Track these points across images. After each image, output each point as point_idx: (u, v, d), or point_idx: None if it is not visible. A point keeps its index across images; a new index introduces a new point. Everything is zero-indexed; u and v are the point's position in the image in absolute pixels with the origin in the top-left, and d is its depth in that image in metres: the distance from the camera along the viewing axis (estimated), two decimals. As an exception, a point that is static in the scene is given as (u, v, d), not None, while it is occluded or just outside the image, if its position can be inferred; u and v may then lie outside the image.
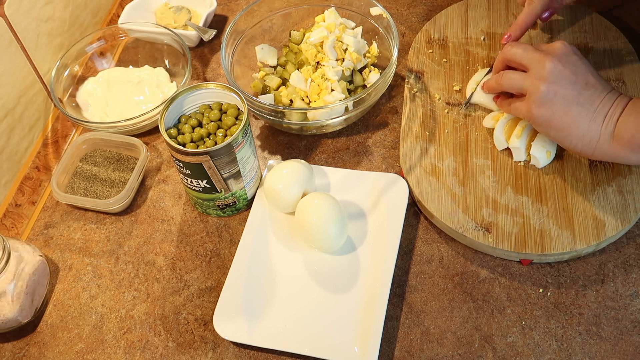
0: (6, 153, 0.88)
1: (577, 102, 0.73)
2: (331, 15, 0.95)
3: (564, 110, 0.74)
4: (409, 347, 0.74)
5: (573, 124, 0.74)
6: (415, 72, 0.95)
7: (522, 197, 0.81)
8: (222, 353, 0.76)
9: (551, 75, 0.74)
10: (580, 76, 0.74)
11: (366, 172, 0.87)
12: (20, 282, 0.77)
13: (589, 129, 0.73)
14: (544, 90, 0.74)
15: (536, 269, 0.78)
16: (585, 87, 0.74)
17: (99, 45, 1.02)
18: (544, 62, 0.74)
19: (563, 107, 0.74)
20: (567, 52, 0.75)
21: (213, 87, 0.83)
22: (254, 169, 0.84)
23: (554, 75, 0.74)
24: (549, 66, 0.74)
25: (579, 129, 0.74)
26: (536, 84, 0.74)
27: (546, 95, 0.74)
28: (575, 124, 0.74)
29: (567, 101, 0.73)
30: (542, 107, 0.74)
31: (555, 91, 0.73)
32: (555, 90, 0.73)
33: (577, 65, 0.75)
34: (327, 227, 0.78)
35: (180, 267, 0.83)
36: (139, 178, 0.90)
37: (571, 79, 0.74)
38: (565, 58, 0.75)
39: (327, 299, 0.78)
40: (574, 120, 0.73)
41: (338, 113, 0.87)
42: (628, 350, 0.72)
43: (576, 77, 0.74)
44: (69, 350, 0.78)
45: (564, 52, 0.75)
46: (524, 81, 0.76)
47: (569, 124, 0.74)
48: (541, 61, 0.75)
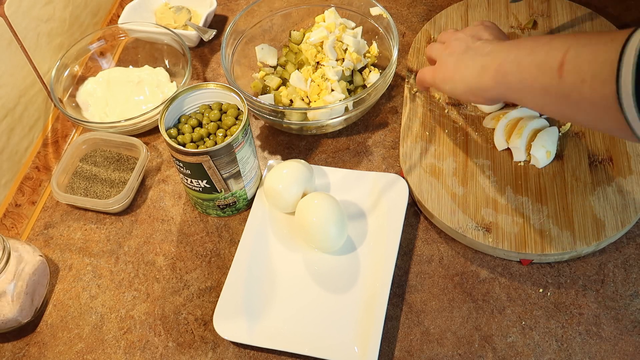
0: (6, 153, 0.88)
1: (467, 49, 0.76)
2: (331, 15, 0.95)
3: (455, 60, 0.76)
4: (409, 347, 0.74)
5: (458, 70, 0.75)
6: (415, 72, 0.95)
7: (522, 197, 0.81)
8: (222, 353, 0.76)
9: (450, 41, 0.79)
10: (476, 34, 0.78)
11: (366, 172, 0.87)
12: (20, 282, 0.77)
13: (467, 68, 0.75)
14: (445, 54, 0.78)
15: (536, 269, 0.78)
16: (476, 40, 0.77)
17: (99, 45, 1.02)
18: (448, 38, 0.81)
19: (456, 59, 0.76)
20: (478, 25, 0.81)
21: (213, 87, 0.83)
22: (254, 169, 0.84)
23: (451, 41, 0.79)
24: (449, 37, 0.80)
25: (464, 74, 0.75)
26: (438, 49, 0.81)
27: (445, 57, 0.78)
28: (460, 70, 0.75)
29: (459, 54, 0.76)
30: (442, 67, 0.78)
31: (452, 51, 0.78)
32: (452, 50, 0.78)
33: (475, 29, 0.80)
34: (327, 227, 0.78)
35: (180, 267, 0.83)
36: (139, 178, 0.90)
37: (465, 38, 0.78)
38: (471, 29, 0.80)
39: (327, 299, 0.78)
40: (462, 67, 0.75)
41: (338, 113, 0.87)
42: (628, 350, 0.72)
43: (472, 38, 0.78)
44: (69, 350, 0.78)
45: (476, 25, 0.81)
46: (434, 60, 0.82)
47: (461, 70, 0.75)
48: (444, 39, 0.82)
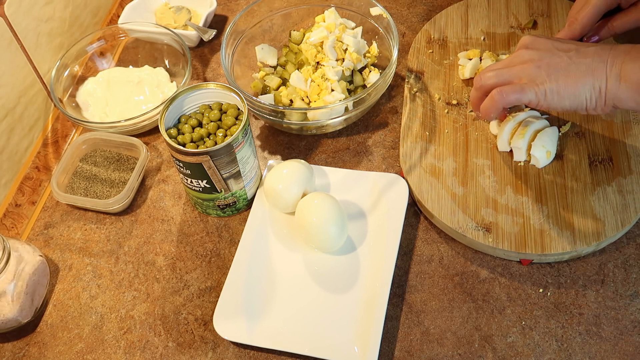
0: (6, 153, 0.88)
1: (570, 62, 0.72)
2: (331, 15, 0.95)
3: (564, 74, 0.72)
4: (409, 347, 0.74)
5: (579, 81, 0.72)
6: (415, 72, 0.95)
7: (522, 197, 0.81)
8: (222, 353, 0.76)
9: (533, 56, 0.74)
10: (557, 46, 0.74)
11: (366, 172, 0.87)
12: (20, 282, 0.77)
13: (594, 77, 0.71)
14: (534, 68, 0.73)
15: (536, 269, 0.78)
16: (566, 52, 0.73)
17: (99, 45, 1.02)
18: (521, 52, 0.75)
19: (560, 72, 0.72)
20: (533, 39, 0.76)
21: (213, 87, 0.83)
22: (254, 169, 0.84)
23: (536, 55, 0.74)
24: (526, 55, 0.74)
25: (585, 83, 0.71)
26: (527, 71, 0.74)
27: (540, 71, 0.73)
28: (581, 81, 0.72)
29: (559, 65, 0.72)
30: (544, 81, 0.73)
31: (547, 64, 0.73)
32: (547, 64, 0.73)
33: (549, 42, 0.75)
34: (327, 227, 0.78)
35: (180, 267, 0.83)
36: (139, 178, 0.90)
37: (552, 51, 0.74)
38: (535, 42, 0.75)
39: (327, 299, 0.78)
40: (577, 77, 0.72)
41: (338, 113, 0.87)
42: (628, 350, 0.72)
43: (555, 49, 0.74)
44: (69, 350, 0.78)
45: (530, 40, 0.76)
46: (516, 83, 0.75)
47: (576, 83, 0.72)
48: (518, 54, 0.75)
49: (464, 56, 0.95)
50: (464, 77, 0.93)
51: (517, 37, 0.96)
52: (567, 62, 0.73)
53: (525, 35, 0.93)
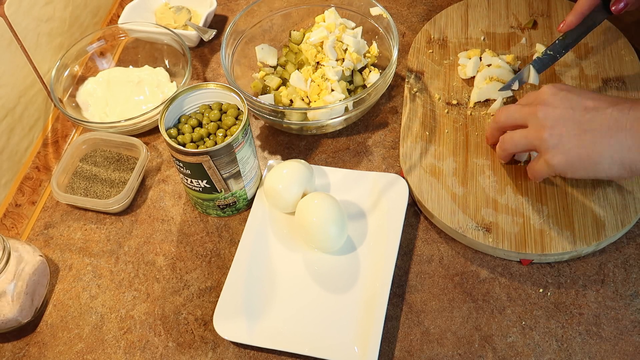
0: (6, 153, 0.88)
1: (585, 131, 0.69)
2: (331, 16, 0.95)
3: (578, 145, 0.70)
4: (409, 347, 0.74)
5: (594, 152, 0.69)
6: (415, 72, 0.95)
7: (522, 197, 0.81)
8: (222, 353, 0.76)
9: (547, 120, 0.71)
10: (577, 107, 0.71)
11: (366, 172, 0.87)
12: (20, 282, 0.77)
13: (611, 147, 0.68)
14: (547, 137, 0.71)
15: (536, 269, 0.78)
16: (585, 113, 0.70)
17: (99, 45, 1.02)
18: (535, 114, 0.72)
19: (575, 144, 0.70)
20: (554, 92, 0.73)
21: (213, 87, 0.83)
22: (254, 169, 0.84)
23: (550, 120, 0.71)
24: (541, 114, 0.72)
25: (603, 154, 0.69)
26: (539, 136, 0.72)
27: (552, 141, 0.71)
28: (596, 153, 0.69)
29: (574, 135, 0.70)
30: (555, 154, 0.71)
31: (559, 134, 0.70)
32: (559, 134, 0.70)
33: (569, 98, 0.72)
34: (327, 227, 0.78)
35: (180, 267, 0.83)
36: (139, 178, 0.90)
37: (568, 114, 0.71)
38: (553, 98, 0.72)
39: (327, 299, 0.78)
40: (592, 148, 0.69)
41: (338, 113, 0.87)
42: (628, 350, 0.72)
43: (572, 110, 0.71)
44: (69, 350, 0.78)
45: (550, 93, 0.73)
46: (527, 138, 0.74)
47: (590, 155, 0.69)
48: (533, 113, 0.73)
49: (464, 56, 0.95)
50: (465, 77, 0.93)
51: (517, 37, 0.96)
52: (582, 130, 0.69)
53: (525, 35, 0.92)
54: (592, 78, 0.90)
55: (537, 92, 0.75)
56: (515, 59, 0.93)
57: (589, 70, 0.91)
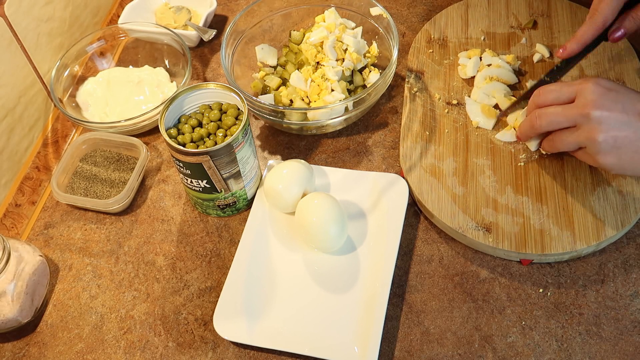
0: (6, 153, 0.88)
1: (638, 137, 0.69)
2: (331, 16, 0.95)
3: (632, 150, 0.70)
4: (409, 347, 0.74)
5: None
6: (415, 72, 0.95)
7: (522, 197, 0.81)
8: (222, 353, 0.76)
9: (602, 124, 0.70)
10: (630, 110, 0.70)
11: (366, 172, 0.87)
12: (20, 282, 0.77)
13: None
14: (601, 140, 0.70)
15: (536, 269, 0.78)
16: (638, 117, 0.69)
17: (99, 45, 1.02)
18: (588, 115, 0.70)
19: (629, 149, 0.70)
20: (602, 92, 0.71)
21: (213, 87, 0.83)
22: (254, 169, 0.84)
23: (604, 124, 0.70)
24: (595, 116, 0.70)
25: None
26: (592, 138, 0.71)
27: (606, 144, 0.70)
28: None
29: (630, 141, 0.70)
30: (607, 156, 0.71)
31: (614, 137, 0.70)
32: (614, 137, 0.70)
33: (620, 100, 0.70)
34: (327, 227, 0.78)
35: (180, 267, 0.83)
36: (139, 178, 0.90)
37: (623, 119, 0.69)
38: (603, 99, 0.71)
39: (327, 299, 0.78)
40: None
41: (338, 113, 0.87)
42: (628, 350, 0.72)
43: (626, 113, 0.70)
44: (69, 350, 0.78)
45: (599, 93, 0.71)
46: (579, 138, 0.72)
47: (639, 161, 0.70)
48: (584, 115, 0.71)
49: (464, 56, 0.95)
50: (465, 77, 0.93)
51: (517, 37, 0.96)
52: (636, 138, 0.69)
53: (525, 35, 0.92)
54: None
55: (579, 88, 0.72)
56: (515, 59, 0.93)
57: (589, 70, 0.91)
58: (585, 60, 0.92)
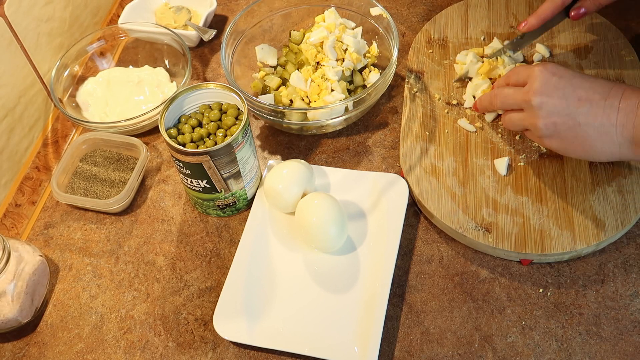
0: (6, 153, 0.88)
1: (579, 124, 0.72)
2: (331, 16, 0.95)
3: (571, 135, 0.73)
4: (409, 347, 0.74)
5: (586, 144, 0.72)
6: (415, 72, 0.95)
7: (522, 197, 0.81)
8: (222, 353, 0.76)
9: (541, 110, 0.73)
10: (570, 96, 0.72)
11: (366, 172, 0.87)
12: (20, 282, 0.77)
13: (603, 142, 0.72)
14: (542, 127, 0.73)
15: (536, 269, 0.78)
16: (578, 104, 0.72)
17: (99, 45, 1.02)
18: (530, 101, 0.74)
19: (569, 134, 0.73)
20: (546, 78, 0.73)
21: (213, 87, 0.83)
22: (254, 169, 0.84)
23: (544, 110, 0.73)
24: (535, 103, 0.73)
25: (594, 146, 0.72)
26: (533, 123, 0.74)
27: (547, 130, 0.73)
28: (588, 144, 0.72)
29: (568, 127, 0.72)
30: (551, 139, 0.74)
31: (553, 123, 0.73)
32: (553, 122, 0.73)
33: (561, 87, 0.73)
34: (327, 227, 0.78)
35: (180, 267, 0.83)
36: (139, 178, 0.90)
37: (562, 105, 0.72)
38: (546, 86, 0.73)
39: (327, 299, 0.78)
40: (585, 140, 0.72)
41: (338, 113, 0.87)
42: (628, 350, 0.72)
43: (566, 99, 0.72)
44: (69, 350, 0.78)
45: (543, 80, 0.73)
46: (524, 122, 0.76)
47: (582, 145, 0.73)
48: (527, 101, 0.74)
49: (463, 55, 0.95)
50: (461, 74, 0.93)
51: (517, 37, 0.96)
52: (575, 123, 0.72)
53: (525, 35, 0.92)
54: (592, 78, 0.90)
55: (529, 72, 0.75)
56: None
57: (589, 70, 0.91)
58: (586, 60, 0.92)
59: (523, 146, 0.85)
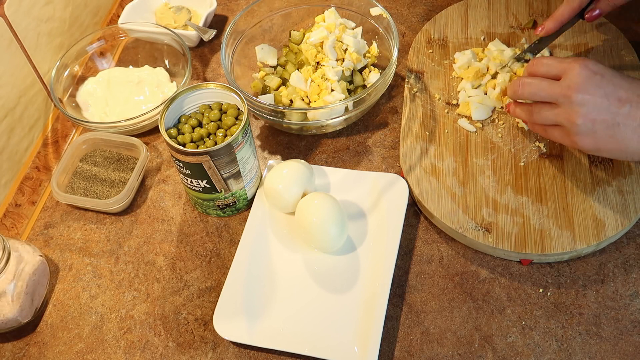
0: (6, 153, 0.88)
1: (618, 124, 0.71)
2: (331, 16, 0.95)
3: (608, 134, 0.72)
4: (409, 347, 0.74)
5: (622, 144, 0.72)
6: (415, 72, 0.95)
7: (522, 197, 0.81)
8: (222, 353, 0.76)
9: (582, 107, 0.72)
10: (611, 95, 0.71)
11: (366, 172, 0.87)
12: (20, 282, 0.77)
13: (639, 142, 0.72)
14: (580, 123, 0.72)
15: (536, 269, 0.78)
16: (619, 105, 0.71)
17: (99, 45, 1.02)
18: (570, 97, 0.72)
19: (606, 133, 0.72)
20: (588, 75, 0.72)
21: (213, 87, 0.83)
22: (254, 169, 0.84)
23: (584, 107, 0.72)
24: (576, 100, 0.72)
25: (630, 147, 0.72)
26: (571, 120, 0.73)
27: (584, 127, 0.72)
28: (624, 144, 0.72)
29: (607, 126, 0.72)
30: (584, 137, 0.73)
31: (592, 121, 0.72)
32: (592, 120, 0.72)
33: (603, 86, 0.72)
34: (327, 227, 0.78)
35: (180, 267, 0.83)
36: (139, 178, 0.90)
37: (603, 104, 0.71)
38: (587, 83, 0.72)
39: (327, 299, 0.78)
40: (621, 141, 0.72)
41: (338, 113, 0.87)
42: (628, 350, 0.72)
43: (607, 99, 0.71)
44: (69, 350, 0.78)
45: (584, 76, 0.72)
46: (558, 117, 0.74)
47: (618, 145, 0.72)
48: (567, 96, 0.73)
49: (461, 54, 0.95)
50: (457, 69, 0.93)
51: (517, 37, 0.96)
52: (614, 123, 0.71)
53: (525, 35, 0.92)
54: (592, 78, 0.90)
55: (567, 68, 0.74)
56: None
57: (589, 70, 0.91)
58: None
59: (523, 146, 0.85)
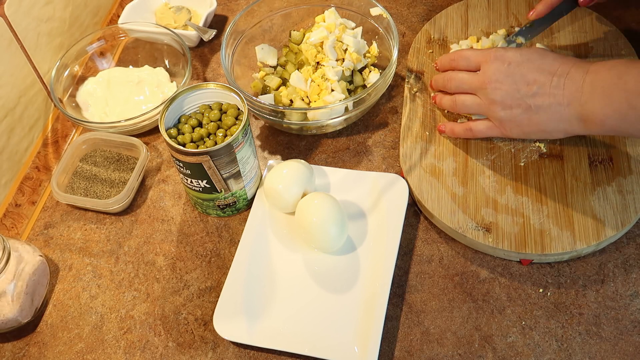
0: (6, 153, 0.88)
1: (530, 107, 0.76)
2: (331, 16, 0.95)
3: (527, 118, 0.77)
4: (409, 347, 0.74)
5: (541, 125, 0.77)
6: (415, 72, 0.95)
7: (522, 197, 0.81)
8: (222, 353, 0.76)
9: (496, 97, 0.78)
10: (520, 81, 0.76)
11: (366, 172, 0.87)
12: (20, 282, 0.77)
13: (555, 122, 0.76)
14: (499, 112, 0.78)
15: (536, 269, 0.78)
16: (528, 89, 0.76)
17: (99, 45, 1.02)
18: (485, 89, 0.78)
19: (524, 117, 0.77)
20: (498, 67, 0.78)
21: (213, 87, 0.83)
22: (254, 169, 0.84)
23: (498, 97, 0.78)
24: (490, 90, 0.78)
25: (548, 127, 0.77)
26: (491, 110, 0.79)
27: (505, 115, 0.78)
28: (543, 125, 0.77)
29: (523, 110, 0.77)
30: (509, 125, 0.79)
31: (509, 107, 0.77)
32: (509, 106, 0.77)
33: (512, 73, 0.77)
34: (327, 227, 0.78)
35: (180, 267, 0.83)
36: (139, 178, 0.90)
37: (513, 90, 0.76)
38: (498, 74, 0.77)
39: (327, 299, 0.78)
40: (539, 122, 0.76)
41: (338, 113, 0.87)
42: (628, 350, 0.72)
43: (517, 85, 0.76)
44: (69, 350, 0.78)
45: (495, 69, 0.78)
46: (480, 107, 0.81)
47: (538, 127, 0.77)
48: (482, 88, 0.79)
49: None
50: None
51: (517, 37, 0.96)
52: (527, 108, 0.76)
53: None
54: (592, 78, 0.90)
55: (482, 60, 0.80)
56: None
57: (589, 70, 0.91)
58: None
59: (523, 146, 0.85)
